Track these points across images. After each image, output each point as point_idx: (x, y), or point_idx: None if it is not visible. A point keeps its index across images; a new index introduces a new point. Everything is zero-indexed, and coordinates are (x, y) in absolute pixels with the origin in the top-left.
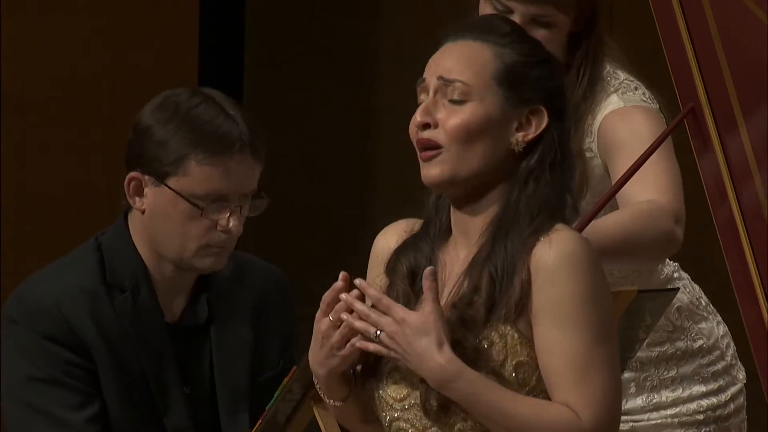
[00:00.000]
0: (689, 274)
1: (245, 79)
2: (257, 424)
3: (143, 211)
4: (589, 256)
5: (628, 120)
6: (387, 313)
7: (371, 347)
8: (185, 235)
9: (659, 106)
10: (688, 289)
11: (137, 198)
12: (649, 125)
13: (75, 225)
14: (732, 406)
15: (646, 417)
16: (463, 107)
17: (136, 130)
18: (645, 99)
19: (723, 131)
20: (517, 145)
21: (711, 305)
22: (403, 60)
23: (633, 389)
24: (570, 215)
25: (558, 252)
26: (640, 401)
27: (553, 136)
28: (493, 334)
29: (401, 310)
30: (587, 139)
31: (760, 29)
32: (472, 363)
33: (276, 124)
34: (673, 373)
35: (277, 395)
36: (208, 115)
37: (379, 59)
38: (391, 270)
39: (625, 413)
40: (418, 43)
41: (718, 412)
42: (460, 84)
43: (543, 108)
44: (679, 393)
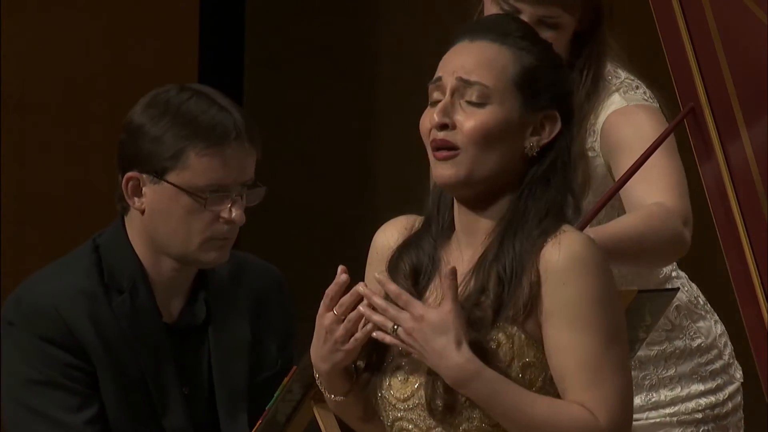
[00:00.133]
0: (689, 273)
1: (245, 79)
2: (257, 424)
3: (143, 211)
4: (598, 257)
5: (631, 120)
6: (406, 309)
7: (387, 339)
8: (189, 229)
9: (659, 105)
10: (686, 288)
11: (136, 198)
12: (652, 124)
13: (75, 225)
14: (730, 404)
15: (644, 416)
16: (483, 110)
17: (128, 130)
18: (646, 98)
19: (723, 131)
20: (530, 149)
21: (708, 304)
22: (403, 60)
23: None
24: (572, 215)
25: (568, 253)
26: (638, 400)
27: (565, 141)
28: (500, 335)
29: (420, 307)
30: (590, 139)
31: (760, 29)
32: None
33: (276, 124)
34: (671, 371)
35: (277, 395)
36: (201, 107)
37: (379, 59)
38: (393, 268)
39: None
40: (418, 43)
41: (716, 411)
42: (481, 86)
43: (556, 113)
44: (677, 392)
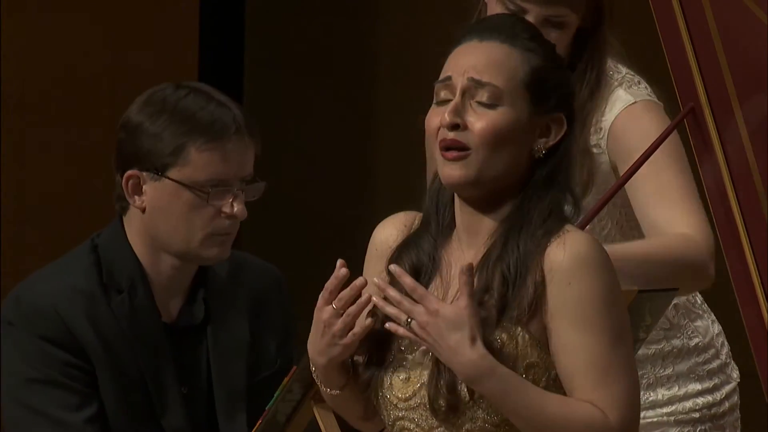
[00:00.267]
0: None
1: (245, 79)
2: (257, 424)
3: (143, 210)
4: (602, 257)
5: (639, 125)
6: (421, 302)
7: (401, 331)
8: (190, 225)
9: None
10: None
11: (136, 197)
12: (659, 128)
13: (75, 225)
14: (726, 404)
15: (642, 415)
16: (494, 111)
17: (126, 129)
18: (649, 93)
19: (723, 131)
20: (538, 151)
21: (706, 303)
22: (403, 60)
23: None
24: (572, 214)
25: (573, 253)
26: None
27: (570, 143)
28: (504, 335)
29: (435, 302)
30: (595, 136)
31: (760, 29)
32: None
33: (276, 124)
34: (669, 371)
35: (277, 395)
36: (199, 103)
37: (379, 59)
38: None
39: None
40: (418, 43)
41: (713, 411)
42: (492, 87)
43: (563, 116)
44: (675, 391)
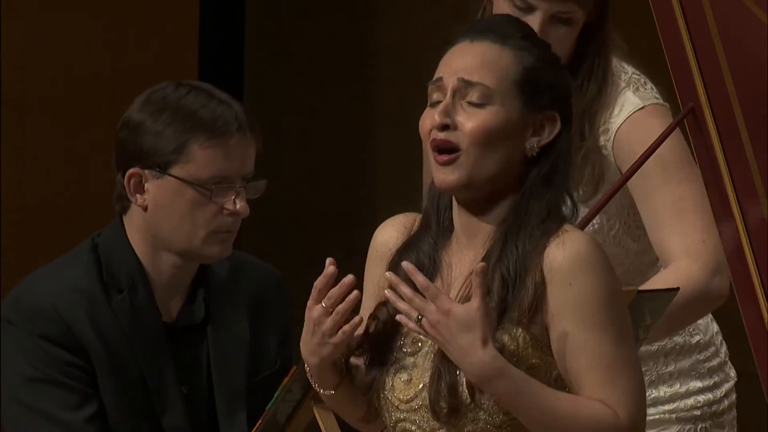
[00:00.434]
0: None
1: (245, 79)
2: (257, 424)
3: (145, 208)
4: (601, 256)
5: (644, 132)
6: (433, 301)
7: (411, 325)
8: (193, 223)
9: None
10: None
11: (138, 195)
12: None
13: (75, 225)
14: (726, 402)
15: None
16: (484, 111)
17: (128, 127)
18: (656, 95)
19: (723, 131)
20: (531, 150)
21: None
22: (403, 60)
23: None
24: (570, 214)
25: (572, 253)
26: None
27: (565, 142)
28: (504, 336)
29: (447, 301)
30: (603, 137)
31: (760, 29)
32: None
33: (276, 124)
34: (671, 368)
35: (277, 395)
36: (200, 101)
37: (379, 59)
38: (393, 270)
39: None
40: (418, 44)
41: (713, 408)
42: (482, 87)
43: (556, 114)
44: (676, 388)
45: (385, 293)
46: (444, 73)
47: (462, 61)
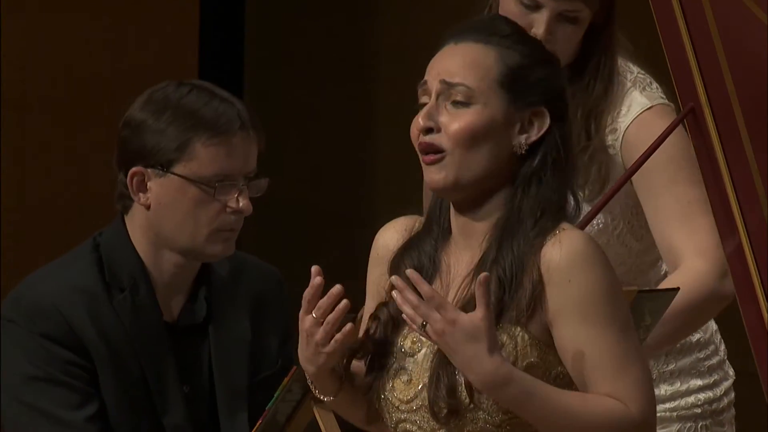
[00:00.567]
0: None
1: (245, 79)
2: (257, 424)
3: (148, 207)
4: (598, 253)
5: (652, 132)
6: (438, 311)
7: (415, 328)
8: (196, 221)
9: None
10: None
11: (141, 194)
12: (675, 143)
13: (75, 225)
14: (725, 400)
15: None
16: (467, 111)
17: (129, 126)
18: (662, 96)
19: (723, 131)
20: (519, 147)
21: None
22: (403, 60)
23: None
24: (573, 214)
25: (569, 251)
26: None
27: (555, 137)
28: (503, 336)
29: (452, 311)
30: (610, 136)
31: (760, 29)
32: None
33: (276, 124)
34: (672, 366)
35: (277, 395)
36: (202, 99)
37: (379, 59)
38: (394, 271)
39: None
40: (418, 44)
41: (713, 406)
42: (464, 87)
43: (545, 109)
44: (677, 386)
45: (392, 295)
46: (428, 76)
47: (445, 63)
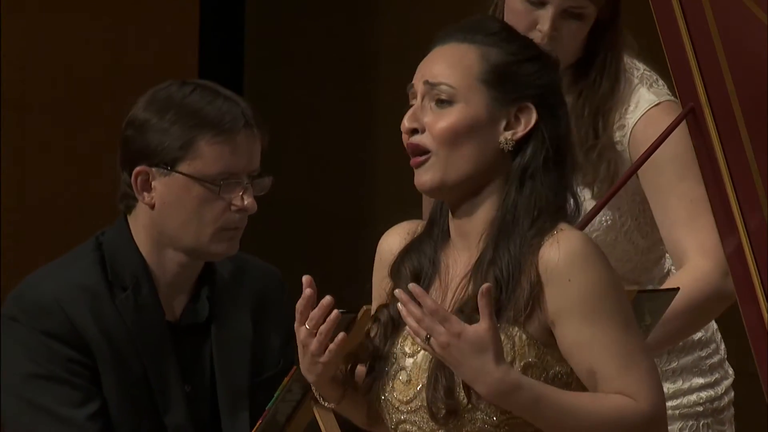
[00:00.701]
0: None
1: (245, 79)
2: (257, 424)
3: (153, 206)
4: (597, 252)
5: (659, 129)
6: (443, 324)
7: (419, 341)
8: (201, 220)
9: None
10: None
11: (146, 193)
12: (679, 132)
13: (75, 225)
14: (726, 399)
15: None
16: (450, 110)
17: (133, 126)
18: (669, 93)
19: (723, 131)
20: (506, 144)
21: None
22: (403, 60)
23: None
24: (572, 214)
25: (567, 251)
26: None
27: (542, 133)
28: (501, 336)
29: (457, 324)
30: (618, 133)
31: (760, 29)
32: None
33: (276, 124)
34: (674, 364)
35: (277, 395)
36: (206, 98)
37: (379, 59)
38: (395, 273)
39: None
40: (418, 44)
41: (715, 405)
42: (445, 86)
43: (531, 105)
44: (679, 385)
45: (398, 307)
46: (415, 79)
47: (429, 65)
